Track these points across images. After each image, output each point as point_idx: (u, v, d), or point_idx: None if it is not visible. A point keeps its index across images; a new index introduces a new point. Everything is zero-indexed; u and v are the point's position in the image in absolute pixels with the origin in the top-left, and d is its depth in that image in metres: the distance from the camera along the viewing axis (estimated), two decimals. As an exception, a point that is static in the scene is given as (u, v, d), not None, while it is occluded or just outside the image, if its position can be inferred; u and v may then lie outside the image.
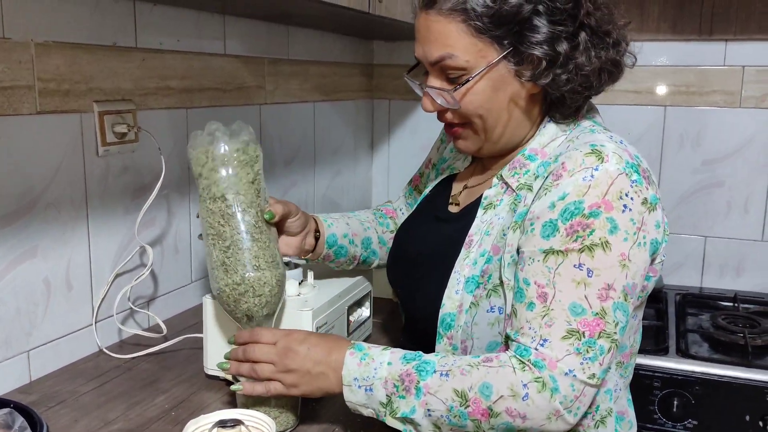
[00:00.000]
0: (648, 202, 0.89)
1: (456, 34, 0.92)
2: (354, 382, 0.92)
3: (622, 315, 0.87)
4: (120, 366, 1.21)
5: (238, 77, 1.60)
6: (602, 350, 0.86)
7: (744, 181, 1.98)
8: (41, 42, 1.11)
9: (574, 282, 0.86)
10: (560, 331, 0.86)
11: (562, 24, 0.91)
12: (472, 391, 0.87)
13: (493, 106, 0.96)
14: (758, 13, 1.90)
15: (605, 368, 0.87)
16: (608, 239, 0.86)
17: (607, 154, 0.89)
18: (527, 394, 0.85)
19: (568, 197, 0.88)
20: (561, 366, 0.85)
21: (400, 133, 2.35)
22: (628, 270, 0.87)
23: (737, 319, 1.74)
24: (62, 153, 1.17)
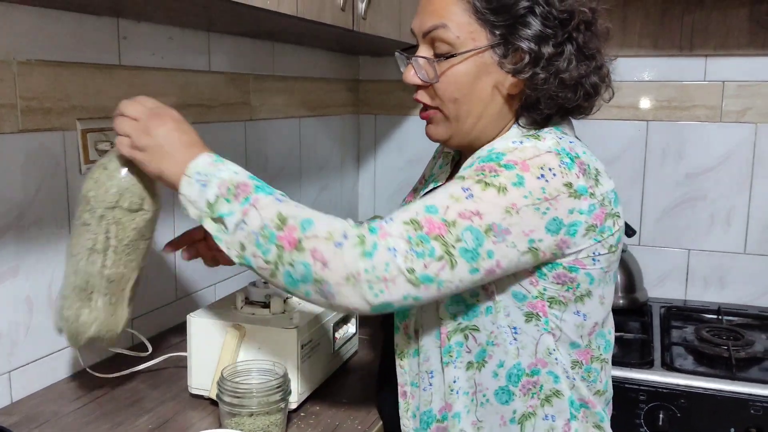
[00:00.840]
0: (572, 187, 0.89)
1: (455, 9, 0.95)
2: (195, 175, 0.92)
3: (471, 239, 0.86)
4: (104, 385, 1.20)
5: (223, 93, 1.61)
6: (432, 253, 0.85)
7: (726, 194, 2.00)
8: (23, 60, 1.11)
9: (449, 195, 0.88)
10: (405, 216, 0.87)
11: (552, 29, 0.94)
12: (293, 220, 0.87)
13: (471, 92, 0.98)
14: (737, 29, 1.93)
15: (429, 276, 0.85)
16: (508, 188, 0.87)
17: (545, 137, 0.93)
18: (342, 244, 0.85)
19: (494, 150, 0.92)
20: (389, 240, 0.85)
21: (387, 148, 2.36)
22: (509, 216, 0.86)
23: (721, 332, 1.75)
24: (44, 171, 1.16)
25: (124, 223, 1.00)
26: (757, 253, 1.99)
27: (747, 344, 1.66)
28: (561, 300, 0.95)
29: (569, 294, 0.95)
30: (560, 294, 0.94)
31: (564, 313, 0.95)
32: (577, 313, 0.96)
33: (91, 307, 1.02)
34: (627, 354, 1.65)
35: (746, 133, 1.96)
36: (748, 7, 1.91)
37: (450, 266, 0.86)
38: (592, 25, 0.97)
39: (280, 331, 1.10)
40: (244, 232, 0.88)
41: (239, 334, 1.10)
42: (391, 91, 2.32)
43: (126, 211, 1.00)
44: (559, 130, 0.99)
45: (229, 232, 0.89)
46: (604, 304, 0.99)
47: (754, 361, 1.61)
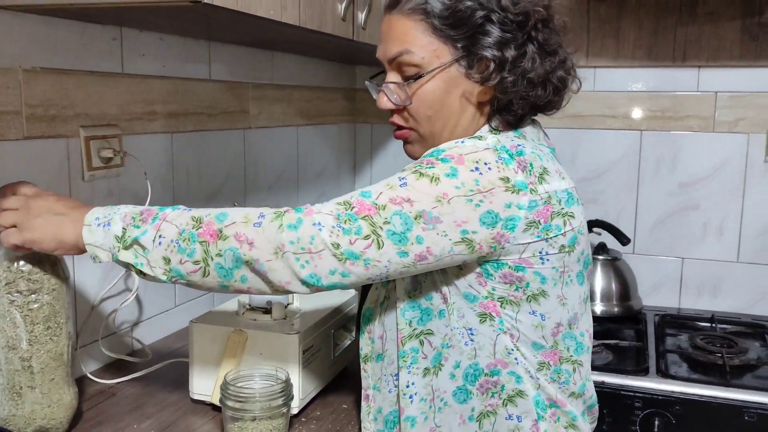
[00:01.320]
0: (509, 182, 0.90)
1: (415, 32, 0.98)
2: (95, 221, 0.92)
3: (400, 223, 0.88)
4: (105, 391, 1.21)
5: (222, 102, 1.62)
6: (359, 231, 0.87)
7: (719, 203, 2.02)
8: (29, 68, 1.12)
9: (386, 184, 0.91)
10: (340, 199, 0.91)
11: (511, 32, 0.96)
12: (208, 217, 0.90)
13: (443, 107, 1.00)
14: (729, 41, 1.96)
15: (354, 252, 0.87)
16: (440, 177, 0.89)
17: (486, 138, 0.96)
18: (260, 223, 0.88)
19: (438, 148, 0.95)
20: (315, 216, 0.88)
21: (383, 157, 2.38)
22: (440, 205, 0.88)
23: (715, 340, 1.77)
24: (48, 178, 1.17)
25: (30, 308, 0.97)
26: (750, 261, 2.01)
27: (741, 352, 1.68)
28: (512, 300, 0.95)
29: (519, 293, 0.95)
30: (510, 294, 0.95)
31: (518, 314, 0.96)
32: (533, 313, 0.96)
33: (23, 402, 0.99)
34: (622, 361, 1.67)
35: (738, 143, 1.99)
36: (740, 19, 1.95)
37: (377, 246, 0.88)
38: (549, 22, 0.99)
39: (282, 336, 1.11)
40: (163, 245, 0.90)
41: (241, 340, 1.11)
42: (387, 101, 2.33)
43: (26, 295, 0.97)
44: (517, 133, 1.00)
45: (148, 251, 0.90)
46: (566, 305, 0.98)
47: (747, 368, 1.62)
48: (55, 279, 0.99)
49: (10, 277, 0.96)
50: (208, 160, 1.59)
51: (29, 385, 0.99)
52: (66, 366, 1.03)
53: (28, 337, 0.98)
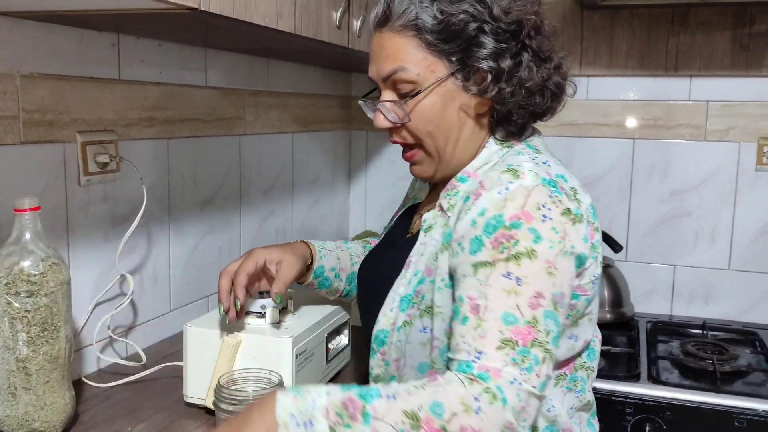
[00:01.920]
0: (571, 213, 0.90)
1: (407, 49, 0.97)
2: (290, 419, 0.82)
3: (553, 324, 0.87)
4: (99, 395, 1.21)
5: (218, 108, 1.63)
6: (536, 360, 0.85)
7: (710, 211, 2.04)
8: (26, 74, 1.13)
9: (505, 291, 0.87)
10: (494, 341, 0.85)
11: (506, 42, 0.95)
12: (422, 411, 0.80)
13: (442, 122, 0.99)
14: (720, 51, 1.98)
15: (543, 380, 0.86)
16: (533, 248, 0.87)
17: (523, 172, 0.93)
18: (480, 408, 0.81)
19: (488, 212, 0.90)
20: (505, 375, 0.83)
21: (378, 164, 2.39)
22: (555, 278, 0.87)
23: (706, 346, 1.78)
24: (45, 182, 1.18)
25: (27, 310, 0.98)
26: (741, 269, 2.03)
27: (731, 358, 1.69)
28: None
29: (567, 322, 0.95)
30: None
31: (560, 340, 0.95)
32: (570, 336, 0.97)
33: (17, 403, 1.00)
34: (614, 367, 1.68)
35: (730, 151, 2.01)
36: (732, 30, 1.97)
37: (551, 359, 0.87)
38: (540, 28, 0.99)
39: (276, 340, 1.11)
40: None
41: (235, 344, 1.12)
42: (382, 108, 2.34)
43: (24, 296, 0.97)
44: (531, 148, 1.01)
45: None
46: (592, 320, 1.00)
47: (738, 374, 1.64)
48: (54, 282, 1.00)
49: (10, 278, 0.97)
50: (204, 166, 1.60)
51: (24, 387, 1.00)
52: (62, 369, 1.04)
53: (24, 338, 0.98)
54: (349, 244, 1.34)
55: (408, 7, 0.96)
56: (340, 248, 1.29)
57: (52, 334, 1.01)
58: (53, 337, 1.01)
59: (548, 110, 1.03)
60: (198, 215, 1.59)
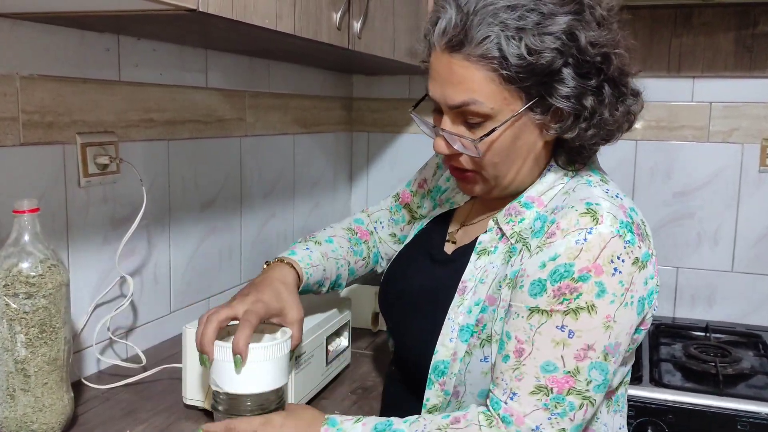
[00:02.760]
0: (639, 261, 0.88)
1: (482, 81, 0.88)
2: None
3: (598, 374, 0.86)
4: (98, 396, 1.21)
5: (219, 110, 1.63)
6: (572, 407, 0.85)
7: (713, 213, 2.03)
8: (26, 75, 1.13)
9: (554, 342, 0.86)
10: (529, 386, 0.86)
11: (589, 77, 0.89)
12: None
13: (510, 154, 0.95)
14: (723, 52, 1.98)
15: (578, 424, 0.86)
16: (594, 303, 0.85)
17: (602, 214, 0.88)
18: None
19: (560, 259, 0.87)
20: (528, 422, 0.84)
21: (379, 166, 2.39)
22: (612, 330, 0.86)
23: (709, 349, 1.78)
24: (44, 184, 1.18)
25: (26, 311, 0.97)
26: (745, 271, 2.02)
27: (734, 361, 1.69)
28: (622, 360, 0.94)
29: (629, 355, 0.96)
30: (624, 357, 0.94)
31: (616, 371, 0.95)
32: (623, 364, 0.97)
33: (15, 405, 0.99)
34: (616, 370, 1.67)
35: (733, 152, 2.00)
36: (734, 31, 1.96)
37: (591, 405, 0.87)
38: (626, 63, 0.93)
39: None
40: None
41: (234, 346, 1.11)
42: (384, 110, 2.35)
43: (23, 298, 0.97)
44: (597, 174, 0.99)
45: None
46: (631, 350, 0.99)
47: (741, 377, 1.63)
48: (52, 283, 1.00)
49: (8, 280, 0.97)
50: (204, 168, 1.60)
51: (23, 388, 1.00)
52: (61, 371, 1.03)
53: (23, 339, 0.98)
54: (333, 241, 1.23)
55: (489, 36, 0.86)
56: (326, 256, 1.19)
57: (50, 335, 1.00)
58: (52, 339, 1.01)
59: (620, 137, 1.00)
60: (198, 217, 1.59)
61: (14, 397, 1.00)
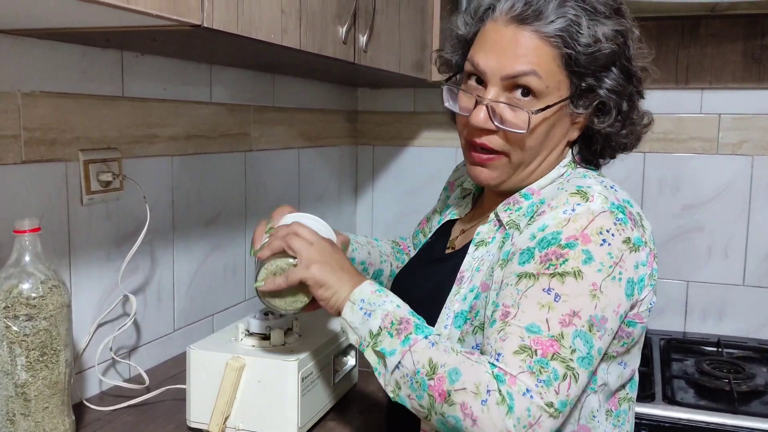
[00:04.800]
0: (630, 242, 0.88)
1: (546, 57, 0.91)
2: (360, 302, 0.92)
3: (582, 345, 0.84)
4: (101, 419, 1.18)
5: (223, 125, 1.61)
6: (556, 375, 0.82)
7: (723, 226, 2.01)
8: (28, 92, 1.12)
9: (539, 305, 0.86)
10: (513, 345, 0.84)
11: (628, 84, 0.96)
12: (442, 369, 0.85)
13: (546, 139, 0.97)
14: (732, 63, 1.96)
15: (564, 400, 0.82)
16: (581, 268, 0.86)
17: (593, 195, 0.91)
18: (486, 400, 0.82)
19: (548, 229, 0.89)
20: (519, 384, 0.82)
21: (384, 179, 2.37)
22: (598, 301, 0.86)
23: (722, 365, 1.74)
24: (46, 202, 1.16)
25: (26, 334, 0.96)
26: (756, 285, 1.99)
27: (748, 377, 1.66)
28: (613, 355, 0.93)
29: (622, 349, 0.94)
30: (614, 350, 0.93)
31: (610, 366, 0.93)
32: (620, 363, 0.95)
33: (15, 430, 0.98)
34: (628, 387, 1.64)
35: (742, 165, 1.97)
36: (742, 41, 1.94)
37: (574, 380, 0.84)
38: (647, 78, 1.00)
39: (281, 363, 1.09)
40: (400, 374, 0.88)
41: (239, 367, 1.09)
42: (389, 123, 2.33)
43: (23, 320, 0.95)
44: (594, 171, 1.01)
45: (388, 370, 0.90)
46: (640, 348, 0.98)
47: (755, 394, 1.60)
48: (53, 305, 0.98)
49: (9, 301, 0.95)
50: (209, 183, 1.58)
51: (23, 413, 0.97)
52: (62, 394, 1.01)
53: (23, 362, 0.96)
54: (379, 242, 1.34)
55: (565, 16, 0.91)
56: (371, 244, 1.29)
57: (51, 358, 0.98)
58: (53, 362, 0.98)
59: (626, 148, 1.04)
60: (202, 233, 1.57)
61: (14, 422, 0.97)
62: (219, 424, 1.09)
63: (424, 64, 1.84)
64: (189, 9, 0.92)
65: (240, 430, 1.10)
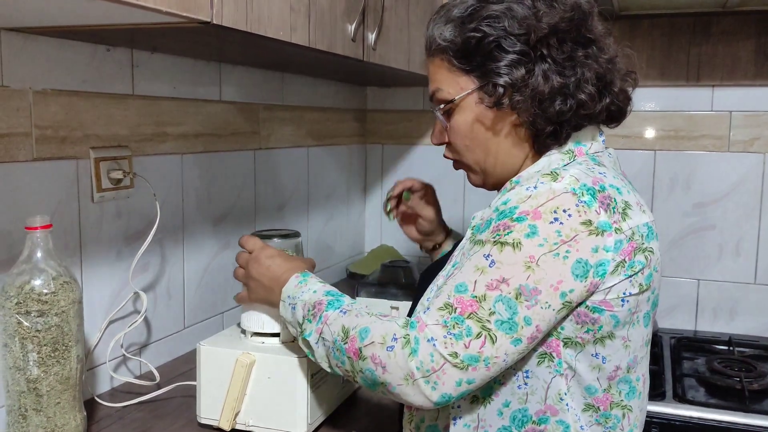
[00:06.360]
0: (592, 224, 0.87)
1: (441, 71, 1.03)
2: (287, 299, 1.03)
3: (504, 310, 0.86)
4: (112, 415, 1.19)
5: (233, 123, 1.62)
6: (469, 332, 0.85)
7: (735, 224, 1.99)
8: (39, 90, 1.12)
9: (475, 267, 0.89)
10: (440, 302, 0.89)
11: (519, 54, 0.96)
12: (353, 330, 0.92)
13: (474, 137, 1.03)
14: (744, 60, 1.94)
15: (473, 355, 0.85)
16: (522, 240, 0.87)
17: (563, 176, 0.91)
18: (393, 347, 0.88)
19: (509, 203, 0.91)
20: (426, 331, 0.87)
21: (393, 178, 2.36)
22: (532, 272, 0.86)
23: (733, 363, 1.73)
24: (58, 199, 1.17)
25: (38, 329, 0.96)
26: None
27: (759, 376, 1.64)
28: (578, 342, 0.91)
29: (588, 336, 0.91)
30: (578, 335, 0.91)
31: (579, 354, 0.92)
32: (595, 355, 0.93)
33: (27, 425, 0.98)
34: (638, 385, 1.63)
35: (754, 162, 1.96)
36: (755, 38, 1.93)
37: (491, 341, 0.86)
38: (569, 34, 0.96)
39: (290, 359, 1.09)
40: (325, 347, 0.97)
41: (249, 364, 1.09)
42: (398, 121, 2.33)
43: (35, 316, 0.96)
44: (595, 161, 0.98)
45: (315, 350, 0.98)
46: (628, 348, 0.95)
47: (767, 392, 1.58)
48: (65, 301, 0.98)
49: (21, 297, 0.96)
50: (218, 182, 1.58)
51: (35, 408, 0.98)
52: (74, 390, 1.02)
53: (35, 358, 0.97)
54: None
55: (432, 32, 1.04)
56: None
57: (63, 354, 0.99)
58: (64, 357, 0.99)
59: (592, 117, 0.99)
60: (212, 231, 1.58)
61: (26, 417, 0.98)
62: (229, 420, 1.09)
63: (433, 62, 1.83)
64: (198, 6, 0.92)
65: (250, 426, 1.11)
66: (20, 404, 0.98)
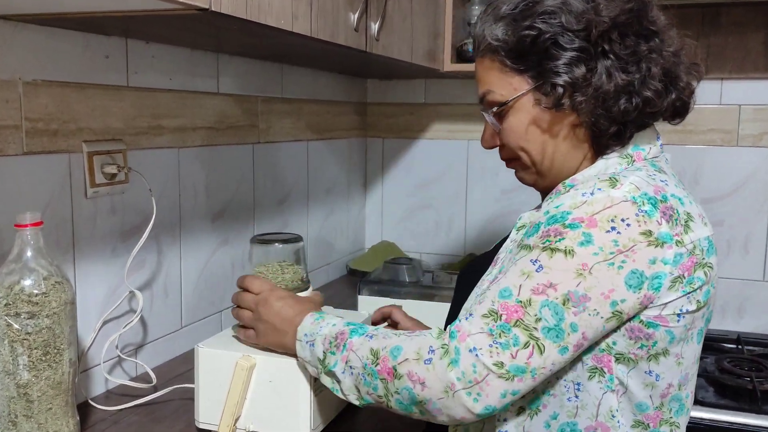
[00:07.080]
0: (652, 235, 0.83)
1: (492, 71, 0.99)
2: (304, 337, 0.99)
3: (550, 315, 0.82)
4: (106, 419, 1.15)
5: (231, 116, 1.57)
6: (516, 341, 0.82)
7: (743, 220, 1.96)
8: (29, 81, 1.08)
9: (521, 272, 0.86)
10: (484, 308, 0.85)
11: (579, 51, 0.91)
12: (384, 351, 0.89)
13: (532, 138, 0.98)
14: (753, 52, 1.90)
15: (520, 366, 0.82)
16: (574, 248, 0.83)
17: (623, 183, 0.87)
18: (430, 359, 0.85)
19: (561, 207, 0.88)
20: (469, 341, 0.83)
21: (394, 172, 2.32)
22: (583, 279, 0.82)
23: (743, 362, 1.70)
24: (49, 195, 1.12)
25: (27, 332, 0.92)
26: (776, 280, 1.95)
27: (770, 375, 1.61)
28: (631, 357, 0.88)
29: (641, 352, 0.88)
30: (631, 351, 0.87)
31: (632, 371, 0.88)
32: (648, 372, 0.89)
33: None
34: (647, 385, 1.60)
35: (764, 157, 1.92)
36: (764, 30, 1.89)
37: (539, 352, 0.82)
38: (630, 27, 0.91)
39: (292, 362, 1.05)
40: (353, 376, 0.93)
41: (249, 367, 1.05)
42: (399, 115, 2.29)
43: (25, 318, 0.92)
44: (655, 167, 0.93)
45: (342, 381, 0.94)
46: (681, 364, 0.91)
47: (779, 393, 1.55)
48: (56, 302, 0.94)
49: (10, 298, 0.91)
50: (216, 176, 1.54)
51: (25, 414, 0.94)
52: (66, 394, 0.97)
53: (25, 362, 0.92)
54: None
55: (481, 31, 0.99)
56: None
57: (54, 357, 0.94)
58: (56, 361, 0.95)
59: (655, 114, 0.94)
60: (210, 227, 1.53)
61: (16, 423, 0.94)
62: (229, 425, 1.05)
63: (436, 53, 1.79)
64: (196, -8, 0.87)
65: (250, 431, 1.07)
66: (10, 410, 0.94)
